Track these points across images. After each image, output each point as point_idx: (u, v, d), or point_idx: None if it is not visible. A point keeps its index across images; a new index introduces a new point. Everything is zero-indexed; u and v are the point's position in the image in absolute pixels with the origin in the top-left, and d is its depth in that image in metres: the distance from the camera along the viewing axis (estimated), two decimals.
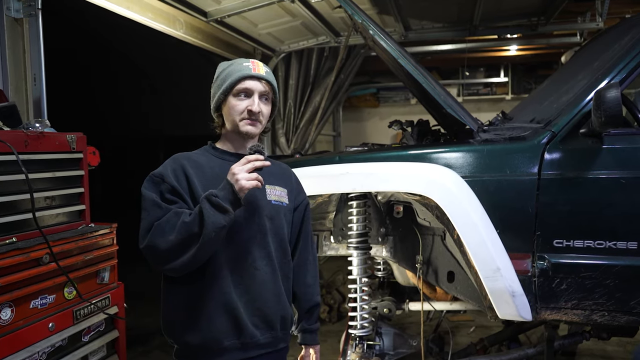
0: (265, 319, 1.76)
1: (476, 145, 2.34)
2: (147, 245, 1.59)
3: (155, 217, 1.61)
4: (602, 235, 2.17)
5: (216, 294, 1.69)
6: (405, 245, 2.91)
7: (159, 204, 1.63)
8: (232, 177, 1.60)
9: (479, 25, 4.91)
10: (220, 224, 1.56)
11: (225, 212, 1.57)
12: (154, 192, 1.65)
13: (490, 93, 7.93)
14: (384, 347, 3.03)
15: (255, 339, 1.74)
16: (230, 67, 1.78)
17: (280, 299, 1.80)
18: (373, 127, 8.45)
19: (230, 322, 1.70)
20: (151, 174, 1.70)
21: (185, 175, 1.69)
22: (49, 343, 2.10)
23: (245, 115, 1.74)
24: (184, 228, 1.56)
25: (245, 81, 1.74)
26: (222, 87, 1.75)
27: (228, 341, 1.70)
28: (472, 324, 4.77)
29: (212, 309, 1.69)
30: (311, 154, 4.42)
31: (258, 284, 1.74)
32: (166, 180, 1.66)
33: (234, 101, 1.74)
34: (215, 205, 1.55)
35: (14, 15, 2.64)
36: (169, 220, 1.58)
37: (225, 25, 4.37)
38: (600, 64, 2.47)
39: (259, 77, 1.75)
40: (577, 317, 2.28)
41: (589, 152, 2.20)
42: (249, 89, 1.74)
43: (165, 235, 1.57)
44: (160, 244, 1.56)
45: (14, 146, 1.95)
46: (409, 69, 2.45)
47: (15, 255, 1.95)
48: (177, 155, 1.77)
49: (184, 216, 1.58)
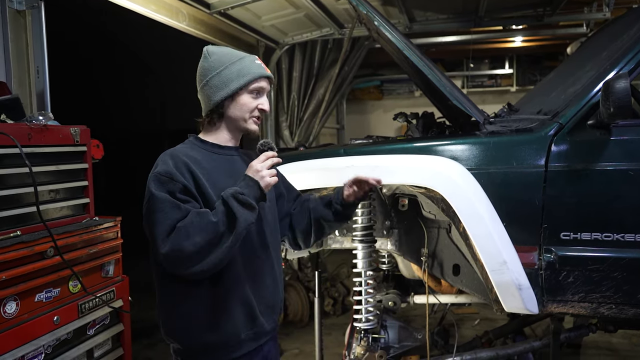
0: (268, 305, 1.80)
1: (482, 137, 2.32)
2: (172, 249, 1.52)
3: (176, 219, 1.55)
4: (610, 227, 2.14)
5: (235, 291, 1.70)
6: (411, 238, 2.89)
7: (178, 205, 1.57)
8: (257, 174, 1.61)
9: (484, 16, 4.85)
10: (250, 220, 1.57)
11: (253, 209, 1.58)
12: (165, 192, 1.59)
13: (495, 85, 7.87)
14: (389, 340, 3.02)
15: (263, 326, 1.78)
16: (240, 63, 1.76)
17: (278, 285, 1.86)
18: (377, 119, 8.42)
19: (247, 315, 1.73)
20: (157, 173, 1.62)
21: (190, 172, 1.66)
22: (54, 336, 2.10)
23: (256, 113, 1.78)
24: (212, 228, 1.52)
25: (261, 81, 1.77)
26: (237, 81, 1.73)
27: (244, 333, 1.72)
28: (476, 317, 4.77)
29: (233, 307, 1.70)
30: (315, 147, 4.41)
31: (261, 272, 1.78)
32: (176, 179, 1.60)
33: (247, 98, 1.75)
34: (243, 202, 1.55)
35: (16, 7, 2.63)
36: (193, 221, 1.53)
37: (229, 17, 4.34)
38: (609, 54, 2.43)
39: (269, 77, 1.80)
40: (584, 310, 2.26)
41: (597, 143, 2.17)
42: (263, 88, 1.78)
43: (190, 237, 1.51)
44: (187, 246, 1.51)
45: (18, 139, 1.94)
46: (414, 60, 2.43)
47: (19, 248, 1.95)
48: (173, 151, 1.72)
49: (209, 216, 1.54)
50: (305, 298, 4.82)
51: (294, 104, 5.67)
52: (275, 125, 5.70)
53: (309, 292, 4.82)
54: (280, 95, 5.67)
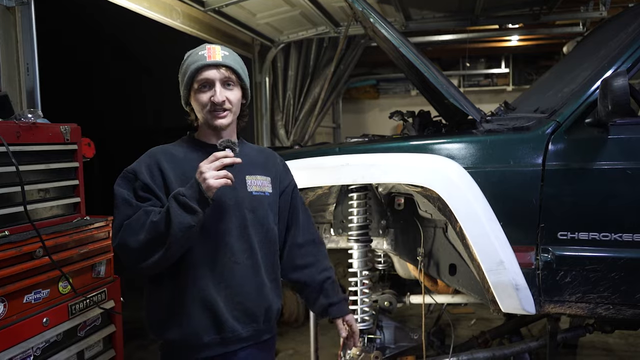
0: (246, 312, 1.73)
1: (479, 135, 2.29)
2: (119, 244, 1.58)
3: (126, 216, 1.59)
4: (608, 227, 2.12)
5: (194, 291, 1.66)
6: (407, 237, 2.87)
7: (130, 202, 1.60)
8: (200, 175, 1.53)
9: (480, 15, 4.83)
10: (188, 223, 1.51)
11: (194, 212, 1.51)
12: (127, 189, 1.63)
13: (491, 84, 7.87)
14: (385, 340, 3.00)
15: (236, 332, 1.71)
16: (188, 58, 1.72)
17: (263, 291, 1.77)
18: (373, 119, 8.40)
19: (209, 318, 1.67)
20: (124, 171, 1.67)
21: (160, 171, 1.65)
22: (43, 338, 2.06)
23: (210, 107, 1.68)
24: (152, 227, 1.53)
25: (203, 72, 1.67)
26: (184, 82, 1.71)
27: (208, 337, 1.68)
28: (473, 317, 4.75)
29: (191, 306, 1.66)
30: (310, 146, 4.38)
31: (238, 277, 1.71)
32: (139, 177, 1.64)
33: (199, 95, 1.69)
34: (182, 204, 1.51)
35: (5, 3, 2.59)
36: (139, 218, 1.56)
37: (223, 14, 4.31)
38: (606, 53, 2.41)
39: (216, 64, 1.67)
40: (581, 310, 2.24)
41: (595, 142, 2.15)
42: (209, 79, 1.67)
43: (135, 234, 1.54)
44: (131, 243, 1.54)
45: (5, 137, 1.90)
46: (410, 58, 2.40)
47: (7, 249, 1.90)
48: (153, 150, 1.73)
49: (153, 215, 1.55)
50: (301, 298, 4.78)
51: (289, 103, 5.65)
52: (270, 124, 5.68)
53: None
54: (276, 94, 5.64)
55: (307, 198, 2.64)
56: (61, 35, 6.03)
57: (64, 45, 6.50)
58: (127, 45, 7.42)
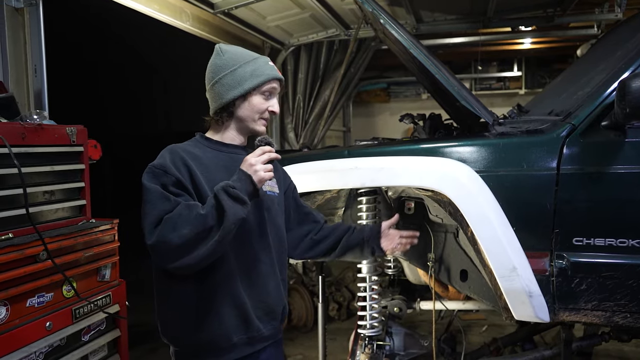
0: (268, 310, 1.75)
1: (491, 138, 2.24)
2: (158, 240, 1.50)
3: (164, 211, 1.52)
4: (625, 233, 2.06)
5: (225, 291, 1.65)
6: (417, 242, 2.82)
7: (167, 196, 1.55)
8: (250, 168, 1.57)
9: (493, 17, 4.77)
10: (240, 215, 1.52)
11: (244, 204, 1.53)
12: (157, 184, 1.58)
13: (503, 88, 7.77)
14: (394, 347, 2.95)
15: (260, 332, 1.72)
16: (254, 63, 1.75)
17: (280, 290, 1.81)
18: (383, 122, 8.35)
19: (239, 318, 1.67)
20: (151, 166, 1.62)
21: (187, 167, 1.64)
22: (47, 343, 2.04)
23: (266, 115, 1.77)
24: (200, 221, 1.48)
25: (273, 82, 1.76)
26: (250, 82, 1.72)
27: (237, 337, 1.67)
28: (484, 323, 4.68)
29: (222, 306, 1.65)
30: (320, 149, 4.34)
31: (261, 276, 1.73)
32: (169, 172, 1.59)
33: (259, 99, 1.74)
34: (233, 196, 1.50)
35: (14, 4, 2.58)
36: (181, 213, 1.50)
37: (233, 17, 4.29)
38: (623, 54, 2.35)
39: (281, 80, 1.79)
40: (597, 318, 2.17)
41: (611, 145, 2.08)
42: (275, 90, 1.78)
43: (177, 229, 1.48)
44: (173, 239, 1.48)
45: (10, 139, 1.89)
46: (422, 60, 2.35)
47: (10, 251, 1.88)
48: (173, 147, 1.71)
49: (198, 208, 1.51)
50: (310, 302, 4.74)
51: (299, 106, 5.62)
52: (280, 127, 5.65)
53: (313, 296, 4.75)
54: (286, 96, 5.62)
55: (315, 202, 2.60)
56: (69, 37, 6.05)
57: (72, 46, 6.52)
58: (135, 47, 7.44)
